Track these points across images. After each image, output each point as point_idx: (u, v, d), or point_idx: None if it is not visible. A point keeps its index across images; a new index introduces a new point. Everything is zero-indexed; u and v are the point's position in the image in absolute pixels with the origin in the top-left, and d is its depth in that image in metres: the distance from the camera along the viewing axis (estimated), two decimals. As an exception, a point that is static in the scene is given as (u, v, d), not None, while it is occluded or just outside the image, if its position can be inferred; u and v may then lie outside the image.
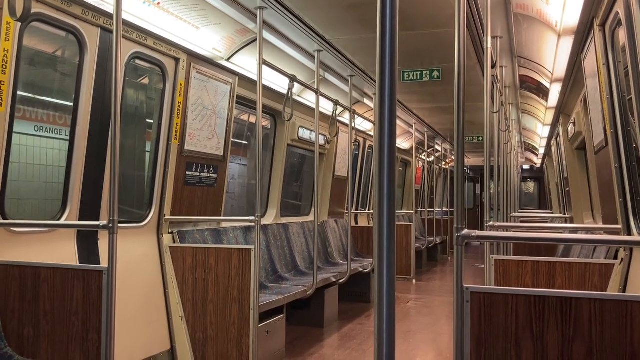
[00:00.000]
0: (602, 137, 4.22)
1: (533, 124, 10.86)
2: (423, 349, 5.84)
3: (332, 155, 8.45)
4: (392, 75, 1.30)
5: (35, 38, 4.68)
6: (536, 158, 17.00)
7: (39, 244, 3.66)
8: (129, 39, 4.13)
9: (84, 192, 3.99)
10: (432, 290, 9.62)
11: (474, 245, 16.29)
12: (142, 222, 4.59)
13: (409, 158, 13.50)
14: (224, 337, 4.50)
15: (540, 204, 21.31)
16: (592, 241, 4.09)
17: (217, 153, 5.19)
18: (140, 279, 4.44)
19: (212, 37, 4.89)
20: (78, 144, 3.91)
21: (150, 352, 4.38)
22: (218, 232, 5.45)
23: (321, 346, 5.79)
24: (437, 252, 14.20)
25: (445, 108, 9.42)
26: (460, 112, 2.43)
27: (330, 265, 7.92)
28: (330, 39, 5.54)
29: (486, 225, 4.56)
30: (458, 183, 2.48)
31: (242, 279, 4.46)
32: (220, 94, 5.14)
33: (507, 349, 2.34)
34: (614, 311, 2.21)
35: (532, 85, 7.48)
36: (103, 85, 4.00)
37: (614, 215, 4.05)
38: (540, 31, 5.33)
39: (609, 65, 3.76)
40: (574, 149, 7.69)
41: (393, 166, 1.30)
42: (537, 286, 3.75)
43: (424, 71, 6.64)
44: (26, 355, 3.16)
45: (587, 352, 2.23)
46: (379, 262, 1.29)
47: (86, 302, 3.08)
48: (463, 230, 2.36)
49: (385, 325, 1.29)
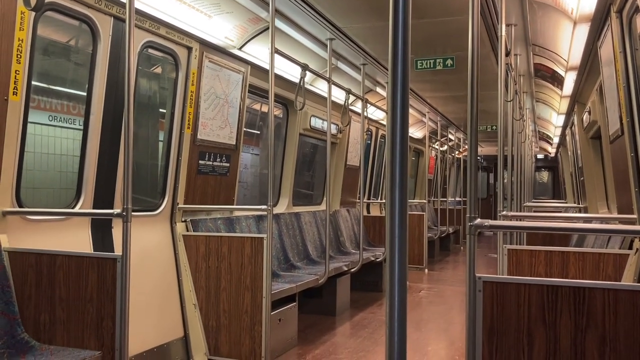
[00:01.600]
0: (617, 125, 4.17)
1: (547, 113, 10.75)
2: (435, 338, 5.85)
3: (344, 145, 8.44)
4: (405, 64, 1.29)
5: (49, 28, 4.70)
6: (550, 147, 16.85)
7: (54, 232, 3.71)
8: (141, 28, 4.14)
9: (98, 181, 4.02)
10: (445, 280, 9.61)
11: (487, 235, 16.22)
12: (155, 211, 4.63)
13: (422, 147, 13.44)
14: (236, 324, 4.53)
15: (554, 194, 21.15)
16: (606, 231, 4.05)
17: (229, 142, 5.20)
18: (154, 266, 4.48)
19: (224, 26, 4.89)
20: (92, 133, 3.95)
21: (163, 339, 4.43)
22: (231, 220, 5.48)
23: (333, 334, 5.82)
24: (450, 241, 14.16)
25: (458, 97, 9.35)
26: (473, 101, 2.41)
27: (342, 254, 7.93)
28: (342, 27, 5.51)
29: (499, 214, 4.54)
30: (471, 172, 2.46)
31: (255, 268, 4.48)
32: (232, 83, 5.14)
33: (519, 339, 2.34)
34: (628, 301, 2.20)
35: (547, 74, 7.40)
36: (116, 74, 4.02)
37: (629, 205, 4.01)
38: (556, 18, 5.26)
39: (625, 52, 3.70)
40: (588, 138, 7.60)
41: (405, 155, 1.29)
42: (550, 276, 3.73)
43: (437, 59, 6.59)
44: (42, 341, 3.21)
45: (600, 342, 2.22)
46: (391, 251, 1.29)
47: (101, 290, 3.12)
48: (476, 219, 2.35)
49: (396, 314, 1.29)
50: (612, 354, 2.21)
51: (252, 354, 4.47)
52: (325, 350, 5.19)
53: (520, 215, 6.03)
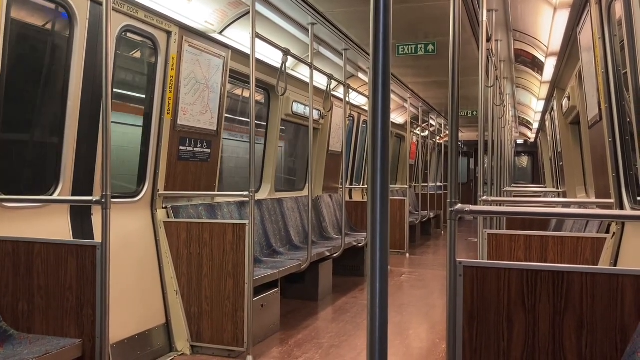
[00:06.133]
0: (596, 111, 4.22)
1: (527, 99, 10.84)
2: (416, 322, 5.91)
3: (327, 130, 8.42)
4: (386, 49, 1.29)
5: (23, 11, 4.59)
6: (530, 132, 17.01)
7: (32, 219, 3.65)
8: (119, 11, 4.06)
9: (76, 167, 3.97)
10: (426, 264, 9.70)
11: (468, 219, 16.39)
12: (135, 198, 4.58)
13: (404, 133, 13.48)
14: (218, 310, 4.53)
15: (534, 179, 21.40)
16: (584, 215, 4.11)
17: (210, 128, 5.15)
18: (135, 253, 4.45)
19: (204, 10, 4.82)
20: (70, 119, 3.87)
21: (145, 326, 4.41)
22: (212, 207, 5.45)
23: (315, 319, 5.85)
24: (431, 226, 14.29)
25: (440, 82, 9.38)
26: (454, 87, 2.41)
27: (324, 239, 7.96)
28: (324, 12, 5.47)
29: (479, 199, 4.58)
30: (452, 158, 2.47)
31: (237, 254, 4.47)
32: (213, 68, 5.09)
33: (499, 322, 2.37)
34: (605, 285, 2.23)
35: (527, 59, 7.45)
36: (94, 59, 3.94)
37: (606, 189, 4.07)
38: (536, 4, 5.28)
39: (604, 39, 3.73)
40: (567, 123, 7.69)
41: (387, 141, 1.29)
42: (530, 260, 3.78)
43: (418, 45, 6.58)
44: (21, 330, 3.17)
45: (578, 325, 2.26)
46: (372, 236, 1.29)
47: (80, 277, 3.08)
48: (456, 204, 2.37)
49: (378, 298, 1.29)
50: (589, 337, 2.25)
51: (234, 340, 4.48)
52: (307, 335, 5.22)
53: (501, 200, 6.09)
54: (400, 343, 5.09)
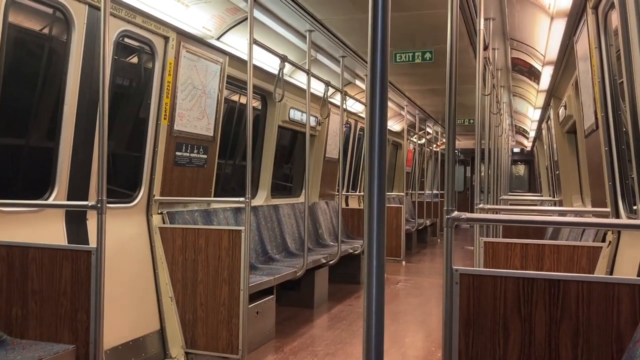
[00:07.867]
0: (592, 120, 4.23)
1: (524, 107, 10.87)
2: (412, 330, 5.90)
3: (323, 137, 8.42)
4: (384, 57, 1.29)
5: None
6: (527, 141, 17.06)
7: (27, 224, 3.63)
8: (117, 16, 4.06)
9: (72, 172, 3.95)
10: (422, 272, 9.68)
11: (464, 227, 16.39)
12: (131, 203, 4.57)
13: (400, 140, 13.49)
14: (213, 317, 4.51)
15: (530, 187, 21.43)
16: (580, 224, 4.12)
17: (207, 133, 5.15)
18: (130, 259, 4.43)
19: (202, 16, 4.83)
20: (66, 123, 3.87)
21: (139, 332, 4.39)
22: (208, 213, 5.43)
23: (311, 327, 5.83)
24: (427, 234, 14.28)
25: (437, 90, 9.40)
26: (451, 95, 2.42)
27: (320, 246, 7.94)
28: (322, 19, 5.48)
29: (476, 207, 4.58)
30: (448, 165, 2.47)
31: (232, 260, 4.46)
32: (210, 74, 5.09)
33: (495, 330, 2.36)
34: (601, 293, 2.23)
35: (524, 68, 7.47)
36: (91, 64, 3.94)
37: (602, 198, 4.08)
38: (533, 13, 5.30)
39: (601, 48, 3.75)
40: (564, 132, 7.71)
41: (384, 148, 1.29)
42: (526, 268, 3.78)
43: (416, 52, 6.60)
44: (14, 335, 3.15)
45: (574, 333, 2.26)
46: (369, 243, 1.29)
47: (75, 282, 3.07)
48: (453, 212, 2.37)
49: (374, 306, 1.29)
50: (585, 345, 2.25)
51: (229, 347, 4.46)
52: (302, 343, 5.19)
53: (497, 208, 6.10)
54: (396, 351, 5.07)
